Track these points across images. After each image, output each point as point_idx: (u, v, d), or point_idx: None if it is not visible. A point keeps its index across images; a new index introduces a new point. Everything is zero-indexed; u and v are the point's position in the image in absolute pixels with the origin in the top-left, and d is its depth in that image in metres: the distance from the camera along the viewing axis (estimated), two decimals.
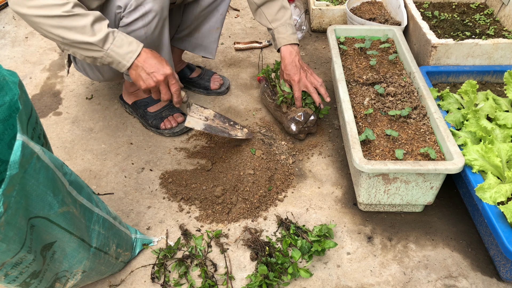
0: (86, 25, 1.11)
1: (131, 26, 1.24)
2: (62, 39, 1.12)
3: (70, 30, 1.10)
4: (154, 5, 1.23)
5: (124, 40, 1.17)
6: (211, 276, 1.13)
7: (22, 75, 1.93)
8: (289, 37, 1.47)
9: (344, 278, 1.13)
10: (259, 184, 1.34)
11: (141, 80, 1.22)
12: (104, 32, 1.13)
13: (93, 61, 1.19)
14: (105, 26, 1.14)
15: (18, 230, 0.72)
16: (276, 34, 1.48)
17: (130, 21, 1.23)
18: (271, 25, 1.47)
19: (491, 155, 1.10)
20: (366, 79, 1.48)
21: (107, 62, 1.19)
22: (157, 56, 1.23)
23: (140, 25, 1.25)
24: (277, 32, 1.47)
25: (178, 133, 1.59)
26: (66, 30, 1.10)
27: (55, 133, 1.61)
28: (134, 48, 1.18)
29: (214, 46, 1.65)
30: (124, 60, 1.18)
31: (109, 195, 1.36)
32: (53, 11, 1.07)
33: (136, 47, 1.18)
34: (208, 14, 1.55)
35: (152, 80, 1.22)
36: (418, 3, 1.98)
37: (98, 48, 1.14)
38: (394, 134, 1.22)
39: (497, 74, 1.51)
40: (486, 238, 1.16)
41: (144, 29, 1.26)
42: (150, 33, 1.28)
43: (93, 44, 1.13)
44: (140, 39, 1.27)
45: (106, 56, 1.16)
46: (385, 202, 1.23)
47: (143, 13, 1.23)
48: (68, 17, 1.09)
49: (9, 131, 0.88)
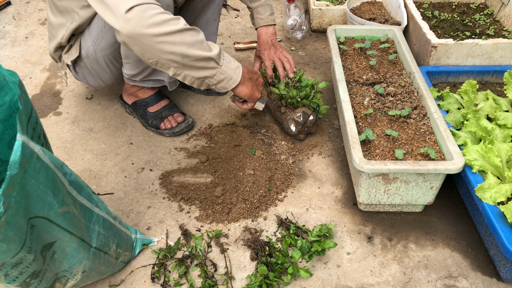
0: (203, 40, 1.08)
1: None
2: (182, 58, 1.07)
3: (192, 46, 1.06)
4: None
5: (228, 55, 1.16)
6: (211, 276, 1.13)
7: (22, 75, 1.93)
8: (267, 18, 1.54)
9: (344, 278, 1.13)
10: (259, 184, 1.34)
11: (255, 91, 1.26)
12: (217, 47, 1.11)
13: (200, 83, 1.15)
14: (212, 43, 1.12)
15: (18, 230, 0.72)
16: (255, 14, 1.53)
17: None
18: (251, 4, 1.53)
19: (491, 155, 1.10)
20: (366, 79, 1.48)
21: (217, 81, 1.15)
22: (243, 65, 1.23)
23: None
24: (256, 12, 1.53)
25: (178, 133, 1.59)
26: (188, 46, 1.06)
27: (55, 133, 1.61)
28: (237, 63, 1.18)
29: (214, 38, 1.65)
30: (235, 75, 1.16)
31: (109, 195, 1.36)
32: (175, 25, 1.03)
33: (237, 62, 1.19)
34: (204, 6, 1.56)
35: (260, 86, 1.29)
36: (418, 3, 1.98)
37: (215, 64, 1.11)
38: (394, 134, 1.22)
39: (497, 74, 1.51)
40: (486, 238, 1.16)
41: None
42: None
43: (211, 60, 1.10)
44: None
45: (219, 74, 1.13)
46: (385, 202, 1.23)
47: None
48: (189, 31, 1.05)
49: (9, 131, 0.88)
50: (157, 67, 1.11)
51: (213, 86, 1.18)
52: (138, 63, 1.38)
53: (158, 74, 1.48)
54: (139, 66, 1.39)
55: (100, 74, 1.45)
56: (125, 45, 1.07)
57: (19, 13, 2.43)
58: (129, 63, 1.39)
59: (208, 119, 1.67)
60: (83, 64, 1.42)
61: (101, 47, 1.34)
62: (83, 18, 1.30)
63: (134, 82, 1.50)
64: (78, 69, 1.45)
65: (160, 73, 1.47)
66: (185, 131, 1.60)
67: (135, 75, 1.45)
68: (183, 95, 1.80)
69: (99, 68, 1.42)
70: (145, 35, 1.02)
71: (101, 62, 1.40)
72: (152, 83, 1.52)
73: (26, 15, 2.41)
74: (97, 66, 1.41)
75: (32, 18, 2.39)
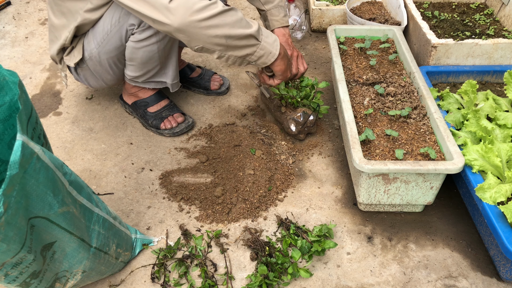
0: (242, 18, 1.12)
1: (144, 41, 1.26)
2: (226, 40, 1.10)
3: (233, 26, 1.09)
4: None
5: (266, 30, 1.18)
6: (211, 276, 1.13)
7: (22, 75, 1.93)
8: (282, 20, 1.52)
9: (344, 278, 1.13)
10: (259, 184, 1.34)
11: (289, 70, 1.26)
12: (256, 23, 1.14)
13: (241, 62, 1.18)
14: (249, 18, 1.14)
15: (18, 230, 0.72)
16: (269, 16, 1.52)
17: (143, 37, 1.25)
18: (264, 7, 1.51)
19: (491, 155, 1.10)
20: (366, 79, 1.48)
21: (257, 57, 1.18)
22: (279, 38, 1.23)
23: (154, 41, 1.27)
24: (270, 14, 1.51)
25: (178, 133, 1.59)
26: (230, 26, 1.09)
27: (55, 133, 1.61)
28: (275, 36, 1.19)
29: None
30: (274, 49, 1.18)
31: (109, 195, 1.36)
32: (215, 8, 1.06)
33: (275, 36, 1.20)
34: None
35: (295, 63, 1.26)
36: (418, 3, 1.98)
37: (256, 41, 1.14)
38: (394, 134, 1.22)
39: (497, 74, 1.51)
40: (486, 238, 1.16)
41: (157, 44, 1.28)
42: (163, 47, 1.30)
43: (252, 37, 1.13)
44: (152, 53, 1.29)
45: (259, 50, 1.16)
46: (385, 202, 1.23)
47: (157, 30, 1.24)
48: (228, 12, 1.08)
49: (9, 131, 0.88)
50: (202, 52, 1.14)
51: (253, 62, 1.20)
52: (142, 65, 1.38)
53: (161, 76, 1.48)
54: (143, 68, 1.39)
55: (102, 76, 1.45)
56: (170, 35, 1.10)
57: (19, 13, 2.43)
58: (133, 65, 1.38)
59: (208, 119, 1.67)
60: (86, 66, 1.41)
61: (106, 49, 1.34)
62: (87, 20, 1.29)
63: (136, 83, 1.50)
64: (80, 70, 1.45)
65: (163, 75, 1.47)
66: (185, 131, 1.60)
67: (138, 77, 1.45)
68: (183, 95, 1.80)
69: (102, 69, 1.42)
70: (191, 22, 1.05)
71: (105, 64, 1.40)
72: (154, 84, 1.52)
73: (26, 15, 2.41)
74: (100, 68, 1.41)
75: (32, 18, 2.39)
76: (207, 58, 2.05)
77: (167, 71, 1.45)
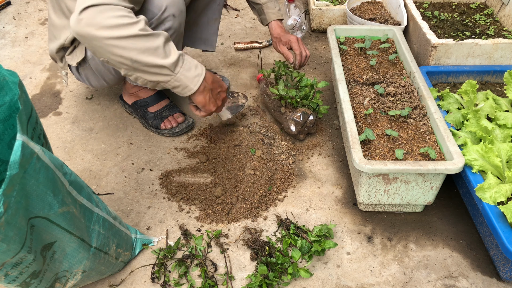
0: (160, 46, 1.05)
1: None
2: (131, 63, 1.05)
3: (143, 52, 1.04)
4: (174, 22, 1.25)
5: (191, 63, 1.13)
6: (211, 276, 1.13)
7: (22, 75, 1.93)
8: (278, 13, 1.61)
9: (344, 278, 1.13)
10: (259, 184, 1.34)
11: (211, 103, 1.21)
12: (176, 54, 1.08)
13: (154, 86, 1.13)
14: (174, 47, 1.09)
15: (18, 230, 0.72)
16: (265, 9, 1.59)
17: None
18: (261, 0, 1.59)
19: (491, 155, 1.10)
20: (366, 79, 1.48)
21: (172, 86, 1.13)
22: (212, 73, 1.21)
23: None
24: (266, 7, 1.59)
25: (178, 133, 1.59)
26: (139, 52, 1.03)
27: (55, 133, 1.61)
28: (199, 71, 1.14)
29: (214, 38, 1.66)
30: (192, 84, 1.13)
31: (109, 195, 1.36)
32: (128, 30, 1.01)
33: (201, 71, 1.15)
34: (205, 6, 1.56)
35: (220, 100, 1.24)
36: (418, 3, 1.98)
37: (169, 72, 1.09)
38: (394, 134, 1.22)
39: (497, 74, 1.51)
40: (486, 238, 1.16)
41: None
42: None
43: (164, 68, 1.07)
44: None
45: (173, 81, 1.11)
46: (385, 202, 1.23)
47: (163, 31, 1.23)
48: (143, 37, 1.03)
49: (9, 131, 0.88)
50: (109, 65, 1.09)
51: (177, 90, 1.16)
52: None
53: None
54: None
55: (104, 75, 1.45)
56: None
57: (19, 13, 2.43)
58: None
59: (208, 119, 1.67)
60: (88, 65, 1.41)
61: None
62: None
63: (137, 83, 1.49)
64: (82, 70, 1.44)
65: None
66: (185, 131, 1.60)
67: None
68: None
69: (104, 69, 1.41)
70: (94, 36, 1.00)
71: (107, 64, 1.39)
72: None
73: (26, 15, 2.41)
74: (102, 67, 1.40)
75: (32, 18, 2.39)
76: (207, 58, 2.05)
77: None
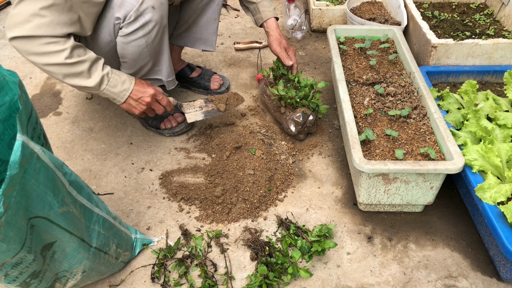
0: (84, 71, 1.19)
1: (131, 36, 1.25)
2: (61, 81, 1.23)
3: (67, 76, 1.18)
4: (154, 15, 1.24)
5: (118, 80, 1.26)
6: (211, 276, 1.13)
7: (22, 75, 1.93)
8: (273, 11, 1.60)
9: (344, 278, 1.13)
10: (259, 184, 1.34)
11: (133, 108, 1.33)
12: (99, 75, 1.21)
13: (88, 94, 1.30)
14: (100, 68, 1.22)
15: (18, 230, 0.72)
16: (261, 8, 1.59)
17: (130, 31, 1.24)
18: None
19: (491, 155, 1.10)
20: (366, 79, 1.48)
21: (103, 97, 1.30)
22: (139, 82, 1.32)
23: (141, 35, 1.26)
24: (261, 6, 1.59)
25: (178, 133, 1.59)
26: (63, 76, 1.17)
27: (55, 133, 1.61)
28: (127, 86, 1.28)
29: (214, 38, 1.66)
30: (119, 97, 1.28)
31: (109, 195, 1.36)
32: (54, 58, 1.13)
33: (128, 85, 1.28)
34: (205, 6, 1.56)
35: (143, 104, 1.33)
36: (418, 3, 1.98)
37: (95, 90, 1.24)
38: (394, 134, 1.22)
39: (497, 74, 1.51)
40: (486, 238, 1.16)
41: (144, 38, 1.27)
42: (151, 41, 1.30)
43: (89, 87, 1.22)
44: (140, 47, 1.29)
45: (101, 94, 1.26)
46: (385, 202, 1.23)
47: (143, 23, 1.24)
48: (68, 65, 1.15)
49: (9, 131, 0.88)
50: None
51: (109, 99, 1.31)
52: (134, 62, 1.38)
53: (155, 73, 1.48)
54: (135, 65, 1.39)
55: None
56: None
57: None
58: (126, 62, 1.38)
59: (208, 119, 1.67)
60: None
61: (99, 46, 1.34)
62: None
63: None
64: None
65: (157, 72, 1.47)
66: (185, 131, 1.60)
67: (132, 75, 1.45)
68: (183, 95, 1.80)
69: None
70: (26, 58, 1.14)
71: None
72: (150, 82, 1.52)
73: None
74: None
75: None
76: (207, 58, 2.05)
77: (160, 68, 1.45)
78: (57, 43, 1.13)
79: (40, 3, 1.09)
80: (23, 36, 1.10)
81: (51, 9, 1.10)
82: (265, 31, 1.61)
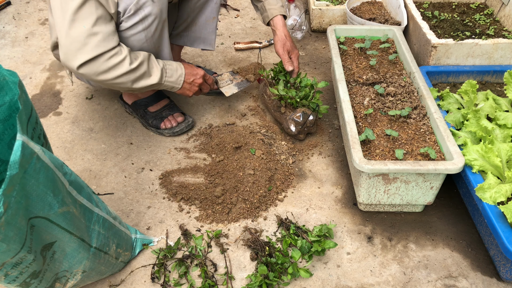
0: (146, 71, 1.26)
1: (131, 30, 1.25)
2: (129, 89, 1.27)
3: (137, 81, 1.25)
4: (153, 8, 1.24)
5: (172, 68, 1.34)
6: (211, 276, 1.13)
7: (22, 75, 1.93)
8: (280, 9, 1.57)
9: (344, 278, 1.13)
10: (259, 184, 1.34)
11: (187, 91, 1.42)
12: (159, 70, 1.30)
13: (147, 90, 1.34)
14: (155, 64, 1.29)
15: (18, 230, 0.72)
16: (267, 6, 1.58)
17: (129, 25, 1.24)
18: None
19: (491, 155, 1.10)
20: (366, 79, 1.48)
21: (161, 88, 1.37)
22: (188, 66, 1.40)
23: (140, 29, 1.26)
24: (268, 4, 1.57)
25: (178, 133, 1.59)
26: (132, 82, 1.24)
27: (55, 133, 1.61)
28: (180, 72, 1.36)
29: (213, 37, 1.66)
30: (177, 84, 1.37)
31: (109, 195, 1.36)
32: (120, 69, 1.20)
33: (181, 71, 1.37)
34: (203, 5, 1.56)
35: (195, 86, 1.42)
36: (418, 3, 1.98)
37: (158, 85, 1.32)
38: (394, 134, 1.22)
39: (497, 74, 1.51)
40: (486, 238, 1.16)
41: (144, 32, 1.27)
42: (150, 36, 1.29)
43: (154, 84, 1.30)
44: (140, 42, 1.28)
45: (162, 87, 1.34)
46: (385, 202, 1.23)
47: (142, 17, 1.23)
48: (133, 71, 1.22)
49: (9, 131, 0.88)
50: None
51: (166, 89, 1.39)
52: None
53: None
54: None
55: None
56: None
57: (19, 13, 2.43)
58: None
59: (208, 119, 1.67)
60: None
61: None
62: None
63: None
64: None
65: None
66: (185, 131, 1.60)
67: None
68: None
69: None
70: (96, 80, 1.20)
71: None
72: None
73: (26, 15, 2.41)
74: None
75: (32, 18, 2.39)
76: (207, 58, 2.05)
77: None
78: (117, 54, 1.19)
79: (86, 21, 1.13)
80: (88, 60, 1.15)
81: (99, 23, 1.14)
82: (272, 30, 1.60)
